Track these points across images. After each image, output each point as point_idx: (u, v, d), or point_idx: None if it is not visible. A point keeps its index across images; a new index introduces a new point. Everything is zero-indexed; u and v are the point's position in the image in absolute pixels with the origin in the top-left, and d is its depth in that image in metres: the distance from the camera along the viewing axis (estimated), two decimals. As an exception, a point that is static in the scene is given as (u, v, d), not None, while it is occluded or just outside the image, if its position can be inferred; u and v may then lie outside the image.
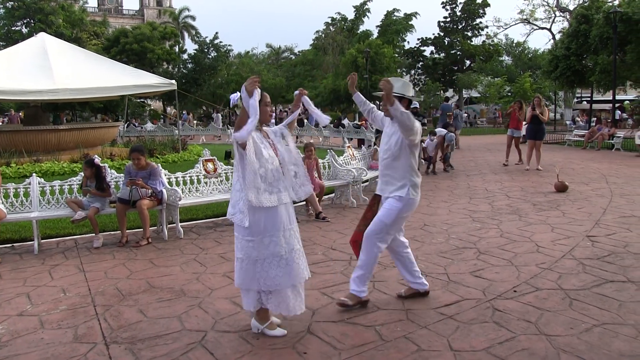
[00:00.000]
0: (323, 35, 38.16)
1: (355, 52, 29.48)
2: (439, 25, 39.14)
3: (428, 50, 39.76)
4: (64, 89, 11.85)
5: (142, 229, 5.47)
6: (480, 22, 38.81)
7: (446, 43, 38.73)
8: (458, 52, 38.32)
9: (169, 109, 37.61)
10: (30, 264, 4.76)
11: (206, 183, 6.41)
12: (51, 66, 12.32)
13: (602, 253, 4.56)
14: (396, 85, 3.42)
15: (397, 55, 34.92)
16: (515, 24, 38.37)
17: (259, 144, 2.99)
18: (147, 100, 34.25)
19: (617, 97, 23.18)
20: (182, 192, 5.93)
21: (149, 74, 15.90)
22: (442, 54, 38.81)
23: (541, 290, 3.69)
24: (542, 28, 37.46)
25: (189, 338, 3.08)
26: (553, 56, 23.59)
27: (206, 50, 36.99)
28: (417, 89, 35.86)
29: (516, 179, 9.39)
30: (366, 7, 37.62)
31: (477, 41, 38.93)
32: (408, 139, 3.34)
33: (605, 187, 8.23)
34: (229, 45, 37.62)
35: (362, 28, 37.86)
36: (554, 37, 35.01)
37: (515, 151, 11.78)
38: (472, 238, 5.23)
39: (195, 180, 6.33)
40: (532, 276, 4.00)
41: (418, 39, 39.87)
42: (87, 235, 5.78)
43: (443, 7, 38.84)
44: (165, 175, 5.96)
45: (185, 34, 47.86)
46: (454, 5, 38.46)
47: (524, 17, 37.03)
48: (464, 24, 38.88)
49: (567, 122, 30.81)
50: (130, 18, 61.99)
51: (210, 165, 6.48)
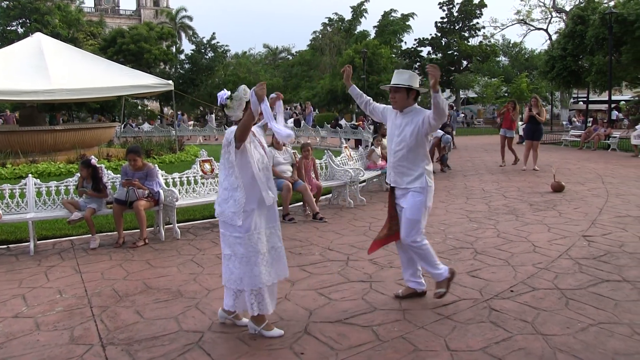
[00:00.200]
0: (320, 35, 38.16)
1: (353, 53, 29.50)
2: (436, 25, 39.21)
3: (425, 51, 39.87)
4: (60, 89, 11.82)
5: (139, 230, 5.45)
6: (477, 23, 38.94)
7: (443, 43, 38.80)
8: (455, 53, 38.40)
9: (166, 109, 37.53)
10: (26, 265, 4.73)
11: (203, 184, 6.40)
12: (47, 66, 12.27)
13: (598, 253, 4.58)
14: (404, 77, 3.44)
15: (394, 55, 34.96)
16: (512, 24, 38.60)
17: (251, 145, 3.04)
18: (144, 100, 34.17)
19: (613, 97, 23.28)
20: (179, 193, 5.92)
21: (146, 75, 15.88)
22: (440, 55, 38.87)
23: (538, 290, 3.70)
24: (539, 29, 37.64)
25: (186, 339, 3.07)
26: (549, 57, 23.66)
27: (203, 50, 36.92)
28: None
29: (513, 179, 9.41)
30: (363, 7, 37.66)
31: (474, 42, 39.06)
32: (436, 124, 3.32)
33: (601, 187, 8.27)
34: (226, 45, 37.62)
35: (359, 28, 37.94)
36: (550, 38, 35.18)
37: (511, 151, 11.77)
38: (469, 238, 5.24)
39: (192, 181, 6.32)
40: (529, 276, 4.01)
41: (415, 40, 40.02)
42: (83, 236, 5.75)
43: (440, 8, 38.93)
44: (162, 175, 5.95)
45: (183, 34, 47.80)
46: (451, 6, 38.53)
47: (521, 17, 37.24)
48: (461, 25, 38.95)
49: (564, 123, 30.95)
50: (127, 18, 61.87)
51: (207, 166, 6.47)
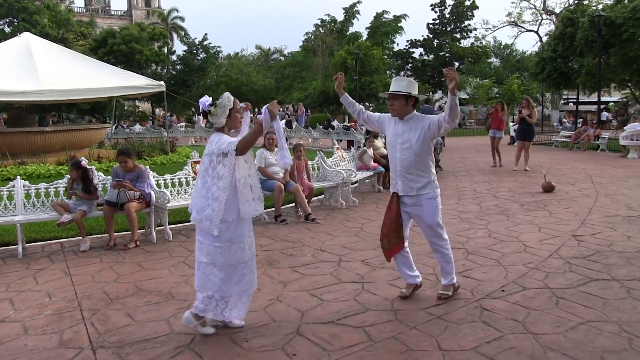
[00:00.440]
0: (312, 36, 38.20)
1: (345, 54, 29.56)
2: (428, 27, 39.46)
3: (417, 52, 40.11)
4: (49, 89, 11.68)
5: (130, 232, 5.41)
6: (469, 25, 39.25)
7: (435, 45, 39.06)
8: (447, 54, 38.63)
9: (157, 110, 37.30)
10: (14, 269, 4.67)
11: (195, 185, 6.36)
12: (36, 66, 12.12)
13: (587, 252, 4.63)
14: (402, 85, 3.47)
15: (386, 57, 35.10)
16: (503, 26, 38.89)
17: (243, 159, 3.01)
18: (135, 101, 33.93)
19: (602, 99, 23.57)
20: (171, 194, 5.88)
21: (137, 75, 15.76)
22: (431, 56, 39.12)
23: (528, 290, 3.73)
24: (530, 30, 37.97)
25: (178, 341, 3.05)
26: (540, 58, 23.90)
27: (195, 51, 36.71)
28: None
29: (504, 180, 9.48)
30: (355, 9, 37.79)
31: (465, 43, 39.40)
32: (449, 127, 3.36)
33: (590, 187, 8.36)
34: (218, 46, 37.44)
35: (351, 30, 38.06)
36: (541, 40, 35.49)
37: (505, 152, 11.84)
38: (460, 238, 5.27)
39: (184, 182, 6.28)
40: (520, 276, 4.04)
41: (407, 41, 40.21)
42: (73, 238, 5.69)
43: (432, 9, 39.19)
44: (154, 177, 5.91)
45: (174, 35, 47.56)
46: (442, 8, 38.80)
47: (512, 19, 37.52)
48: (452, 26, 39.23)
49: (554, 124, 31.25)
50: (118, 19, 61.38)
51: (199, 167, 6.43)
